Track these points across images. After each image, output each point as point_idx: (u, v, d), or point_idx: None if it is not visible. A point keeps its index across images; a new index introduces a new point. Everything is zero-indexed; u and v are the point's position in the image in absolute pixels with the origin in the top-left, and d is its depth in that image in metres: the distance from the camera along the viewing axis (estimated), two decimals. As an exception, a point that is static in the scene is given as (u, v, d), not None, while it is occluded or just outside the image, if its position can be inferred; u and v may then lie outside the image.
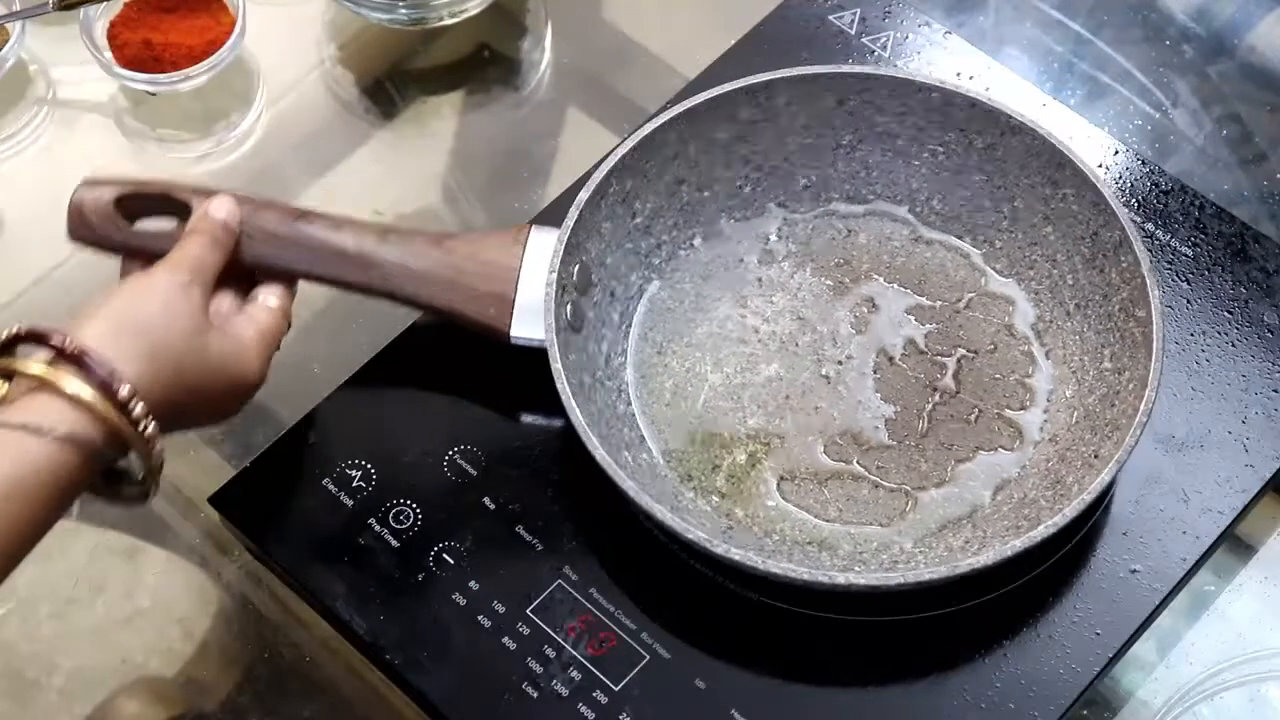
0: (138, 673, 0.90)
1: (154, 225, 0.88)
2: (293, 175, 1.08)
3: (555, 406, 0.85)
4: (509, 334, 0.89)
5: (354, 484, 0.90)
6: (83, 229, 0.88)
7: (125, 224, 0.88)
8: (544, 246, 0.90)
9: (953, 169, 0.97)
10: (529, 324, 0.89)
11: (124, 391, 0.74)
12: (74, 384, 0.72)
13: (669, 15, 1.14)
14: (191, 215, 0.86)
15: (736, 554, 0.81)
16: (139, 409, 0.74)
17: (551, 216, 0.94)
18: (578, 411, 0.84)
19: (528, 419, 0.92)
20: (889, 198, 0.99)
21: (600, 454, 0.83)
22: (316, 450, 0.92)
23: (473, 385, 0.92)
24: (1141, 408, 0.84)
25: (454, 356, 0.93)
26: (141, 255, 0.88)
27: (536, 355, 0.87)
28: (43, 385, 0.73)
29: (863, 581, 0.82)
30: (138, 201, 0.88)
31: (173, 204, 0.88)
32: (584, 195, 0.90)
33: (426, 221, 1.06)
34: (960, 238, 0.97)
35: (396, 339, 0.95)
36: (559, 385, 0.85)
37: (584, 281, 0.92)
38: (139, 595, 0.93)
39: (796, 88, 0.95)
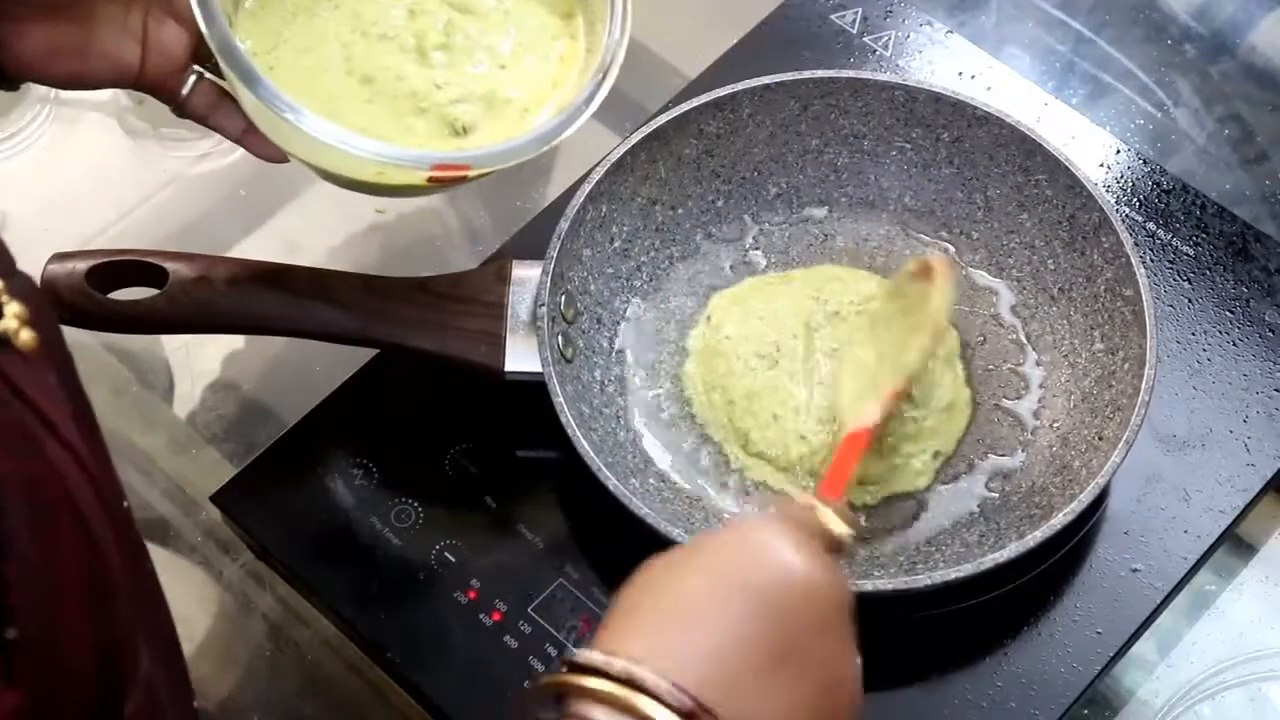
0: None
1: (129, 294, 0.88)
2: (293, 175, 1.08)
3: (554, 421, 0.85)
4: (503, 371, 0.89)
5: (356, 482, 0.90)
6: (58, 306, 0.86)
7: (100, 296, 0.87)
8: (528, 280, 0.90)
9: (922, 164, 0.97)
10: (522, 359, 0.89)
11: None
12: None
13: (669, 15, 1.14)
14: None
15: None
16: None
17: (532, 240, 0.95)
18: (585, 444, 0.84)
19: (528, 418, 0.92)
20: (861, 198, 0.99)
21: (613, 484, 0.83)
22: (318, 449, 0.92)
23: (474, 383, 0.92)
24: (1143, 386, 0.85)
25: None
26: (120, 327, 0.87)
27: (531, 385, 0.87)
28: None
29: (889, 587, 0.82)
30: (111, 271, 0.87)
31: (146, 271, 0.87)
32: (563, 225, 0.90)
33: (427, 220, 1.06)
34: (936, 232, 0.98)
35: (398, 338, 0.95)
36: (564, 420, 0.85)
37: (571, 311, 0.92)
38: (140, 594, 0.93)
39: (759, 98, 0.95)
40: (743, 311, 0.94)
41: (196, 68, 0.82)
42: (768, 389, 0.91)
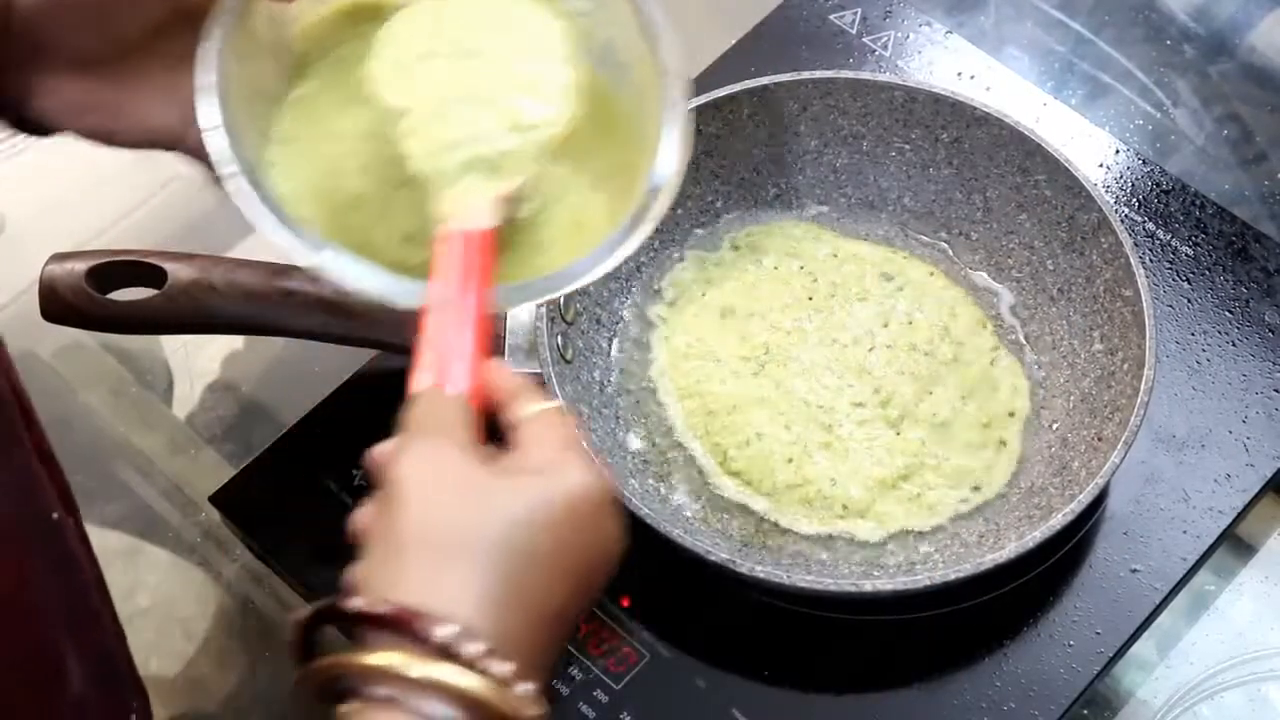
0: (138, 672, 0.90)
1: (128, 295, 0.88)
2: (293, 174, 1.08)
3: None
4: None
5: (355, 483, 0.90)
6: (57, 306, 0.86)
7: (99, 297, 0.87)
8: None
9: (921, 165, 0.97)
10: (521, 361, 0.88)
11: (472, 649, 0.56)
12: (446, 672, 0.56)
13: (669, 15, 1.14)
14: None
15: (761, 572, 0.81)
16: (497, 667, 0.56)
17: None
18: (584, 445, 0.84)
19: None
20: (860, 199, 0.99)
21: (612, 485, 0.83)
22: (317, 449, 0.92)
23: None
24: (1142, 386, 0.85)
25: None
26: (119, 327, 0.87)
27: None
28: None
29: (889, 587, 0.82)
30: (110, 272, 0.87)
31: (145, 271, 0.87)
32: None
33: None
34: (935, 233, 0.97)
35: (397, 338, 0.95)
36: None
37: (570, 311, 0.92)
38: (139, 595, 0.93)
39: (758, 98, 0.95)
40: (717, 301, 0.94)
41: None
42: (753, 400, 0.91)
